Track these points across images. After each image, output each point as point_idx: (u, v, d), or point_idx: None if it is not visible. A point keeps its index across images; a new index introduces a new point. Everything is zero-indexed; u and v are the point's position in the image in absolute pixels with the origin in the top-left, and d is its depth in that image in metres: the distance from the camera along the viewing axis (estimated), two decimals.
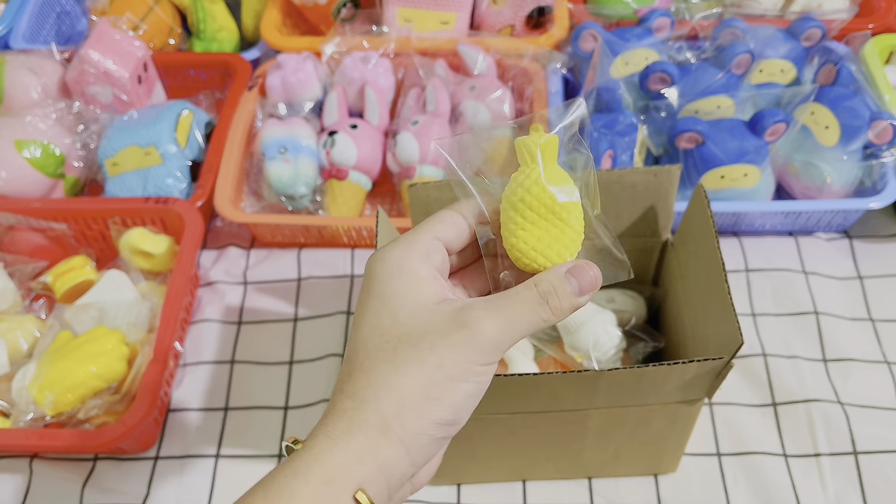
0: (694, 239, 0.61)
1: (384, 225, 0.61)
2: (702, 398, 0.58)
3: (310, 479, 0.34)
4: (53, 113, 0.89)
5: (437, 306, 0.37)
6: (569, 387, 0.54)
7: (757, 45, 0.87)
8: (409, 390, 0.35)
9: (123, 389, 0.71)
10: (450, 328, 0.36)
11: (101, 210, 0.83)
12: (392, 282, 0.38)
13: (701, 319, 0.60)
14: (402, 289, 0.37)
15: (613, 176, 0.64)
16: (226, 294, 0.85)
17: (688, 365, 0.51)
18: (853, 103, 0.81)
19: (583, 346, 0.66)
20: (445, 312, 0.37)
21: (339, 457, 0.35)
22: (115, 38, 0.92)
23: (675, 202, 0.65)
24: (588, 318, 0.66)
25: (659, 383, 0.54)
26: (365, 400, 0.36)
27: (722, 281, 0.54)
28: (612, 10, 0.98)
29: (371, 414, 0.35)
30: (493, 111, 0.88)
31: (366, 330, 0.37)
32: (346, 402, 0.36)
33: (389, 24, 0.97)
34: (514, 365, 0.68)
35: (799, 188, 0.84)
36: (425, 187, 0.63)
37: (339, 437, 0.35)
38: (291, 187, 0.85)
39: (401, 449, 0.35)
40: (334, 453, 0.35)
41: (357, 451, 0.35)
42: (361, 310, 0.38)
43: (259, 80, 0.94)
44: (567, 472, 0.68)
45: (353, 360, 0.37)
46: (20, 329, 0.76)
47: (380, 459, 0.35)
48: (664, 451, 0.65)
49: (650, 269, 0.72)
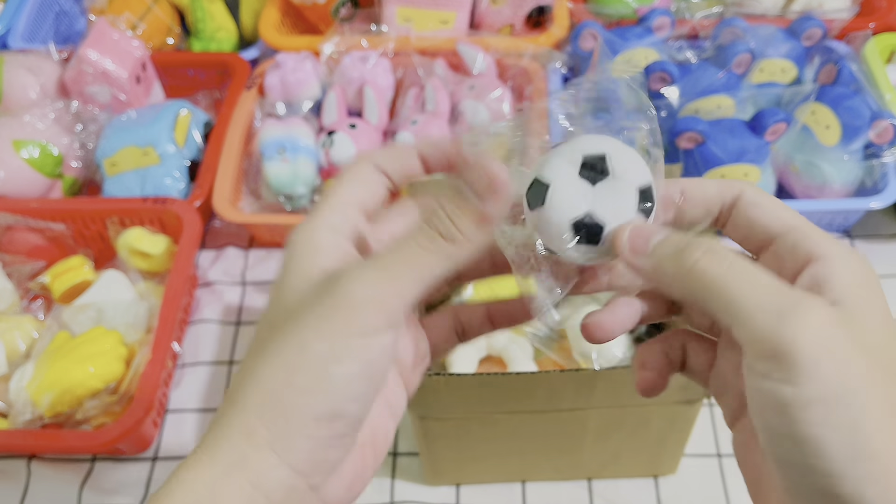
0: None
1: None
2: (701, 398, 0.58)
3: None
4: (51, 113, 0.89)
5: (319, 278, 0.30)
6: (567, 385, 0.54)
7: (757, 45, 0.87)
8: (271, 382, 0.28)
9: (121, 390, 0.71)
10: (316, 299, 0.29)
11: (99, 210, 0.82)
12: (293, 259, 0.31)
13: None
14: (296, 265, 0.31)
15: None
16: (224, 294, 0.84)
17: None
18: (854, 103, 0.80)
19: (587, 352, 0.66)
20: (319, 282, 0.29)
21: (204, 474, 0.28)
22: (114, 37, 0.91)
23: None
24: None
25: None
26: (233, 401, 0.29)
27: None
28: (612, 10, 0.97)
29: (235, 417, 0.28)
30: (492, 111, 0.88)
31: (260, 320, 0.31)
32: (221, 407, 0.30)
33: (389, 23, 0.97)
34: (514, 364, 0.68)
35: (800, 188, 0.84)
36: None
37: (205, 451, 0.29)
38: (290, 187, 0.85)
39: (273, 458, 0.28)
40: (199, 471, 0.28)
41: (223, 466, 0.28)
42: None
43: (258, 79, 0.94)
44: (566, 472, 0.68)
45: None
46: (18, 329, 0.76)
47: (250, 474, 0.28)
48: (663, 451, 0.65)
49: None
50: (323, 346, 0.28)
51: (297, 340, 0.28)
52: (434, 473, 0.68)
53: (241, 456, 0.28)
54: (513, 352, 0.68)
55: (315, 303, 0.29)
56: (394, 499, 0.69)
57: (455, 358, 0.67)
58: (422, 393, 0.54)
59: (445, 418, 0.58)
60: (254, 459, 0.28)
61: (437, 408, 0.57)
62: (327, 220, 0.32)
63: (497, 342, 0.69)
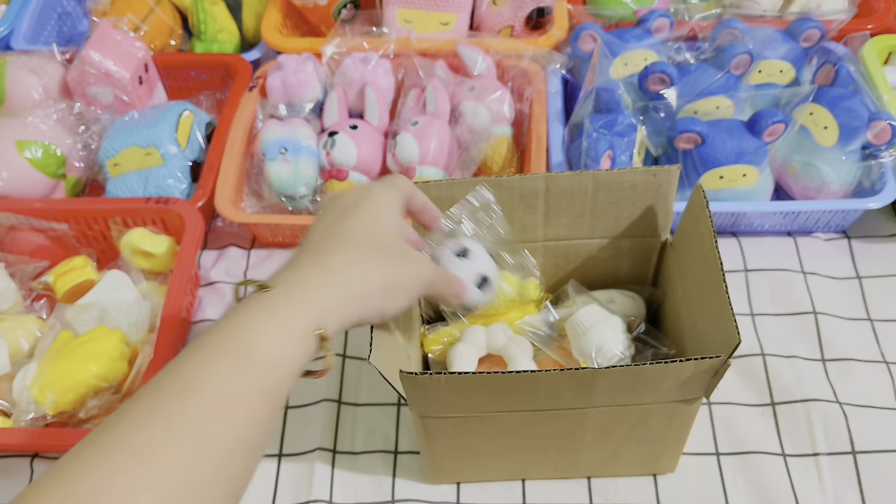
0: (692, 240, 0.61)
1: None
2: (700, 397, 0.58)
3: (276, 315, 0.43)
4: (54, 113, 0.89)
5: (392, 233, 0.52)
6: (566, 384, 0.54)
7: (756, 46, 0.87)
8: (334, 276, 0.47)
9: (124, 389, 0.71)
10: (390, 258, 0.50)
11: (102, 210, 0.83)
12: (373, 209, 0.52)
13: (699, 319, 0.60)
14: (375, 215, 0.51)
15: (613, 176, 0.64)
16: (226, 294, 0.85)
17: (685, 364, 0.51)
18: (852, 104, 0.81)
19: (587, 351, 0.66)
20: (393, 241, 0.52)
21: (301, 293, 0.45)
22: (116, 38, 0.92)
23: (675, 202, 0.66)
24: (594, 324, 0.66)
25: (656, 382, 0.54)
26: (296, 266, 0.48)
27: (720, 281, 0.54)
28: (611, 11, 0.98)
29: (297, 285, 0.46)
30: (492, 112, 0.88)
31: (325, 223, 0.51)
32: (289, 270, 0.48)
33: (389, 25, 0.98)
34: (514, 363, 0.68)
35: (798, 188, 0.84)
36: (426, 186, 0.63)
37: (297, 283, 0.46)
38: (292, 187, 0.85)
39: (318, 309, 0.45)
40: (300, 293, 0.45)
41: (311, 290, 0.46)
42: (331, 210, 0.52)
43: (259, 80, 0.94)
44: (566, 471, 0.68)
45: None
46: (21, 329, 0.77)
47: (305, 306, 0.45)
48: (662, 450, 0.65)
49: (649, 270, 0.72)
50: (379, 281, 0.49)
51: (363, 266, 0.48)
52: (435, 472, 0.68)
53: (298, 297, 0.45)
54: (513, 350, 0.68)
55: (388, 259, 0.50)
56: (395, 497, 0.69)
57: (455, 356, 0.68)
58: (422, 392, 0.55)
59: (446, 417, 0.59)
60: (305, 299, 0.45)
61: (438, 407, 0.57)
62: (392, 199, 0.53)
63: (497, 341, 0.69)
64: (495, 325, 0.70)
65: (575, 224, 0.68)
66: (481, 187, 0.62)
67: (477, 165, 0.89)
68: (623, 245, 0.70)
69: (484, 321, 0.71)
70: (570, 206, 0.66)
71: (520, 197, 0.65)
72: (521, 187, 0.65)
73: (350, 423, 0.74)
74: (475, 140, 0.88)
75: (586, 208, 0.66)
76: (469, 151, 0.88)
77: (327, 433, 0.73)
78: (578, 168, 0.81)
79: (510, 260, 0.66)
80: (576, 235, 0.69)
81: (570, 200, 0.66)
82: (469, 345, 0.69)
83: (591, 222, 0.68)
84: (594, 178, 0.64)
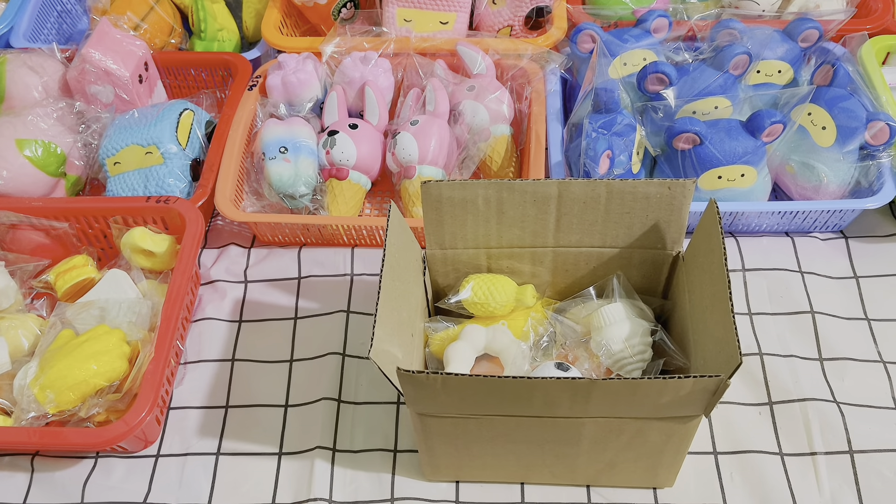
0: (703, 254, 0.61)
1: (396, 222, 0.61)
2: (699, 415, 0.57)
3: None
4: (55, 112, 0.89)
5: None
6: (563, 393, 0.54)
7: (754, 46, 0.88)
8: None
9: (125, 388, 0.72)
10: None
11: (103, 209, 0.83)
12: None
13: (703, 336, 0.60)
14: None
15: (627, 186, 0.63)
16: (226, 292, 0.85)
17: (684, 381, 0.51)
18: (850, 104, 0.81)
19: (599, 345, 0.66)
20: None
21: None
22: (116, 37, 0.92)
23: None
24: (612, 322, 0.66)
25: (654, 397, 0.54)
26: None
27: (726, 300, 0.54)
28: (610, 11, 0.98)
29: None
30: (491, 111, 0.89)
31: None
32: None
33: (389, 24, 0.98)
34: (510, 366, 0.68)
35: (796, 188, 0.84)
36: (438, 185, 0.63)
37: None
38: (292, 186, 0.86)
39: None
40: None
41: None
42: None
43: (260, 79, 0.94)
44: (563, 477, 0.68)
45: None
46: (22, 327, 0.77)
47: None
48: (660, 465, 0.65)
49: (660, 282, 0.72)
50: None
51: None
52: (432, 468, 0.68)
53: None
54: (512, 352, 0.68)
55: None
56: (394, 495, 0.69)
57: (451, 354, 0.68)
58: (420, 390, 0.55)
59: (443, 416, 0.59)
60: None
61: (435, 405, 0.58)
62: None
63: (497, 342, 0.69)
64: (496, 325, 0.70)
65: (586, 232, 0.67)
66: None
67: (476, 164, 0.89)
68: (634, 256, 0.69)
69: (483, 322, 0.71)
70: (583, 214, 0.66)
71: (532, 201, 0.65)
72: (534, 192, 0.64)
73: (349, 421, 0.74)
74: (474, 139, 0.89)
75: (598, 217, 0.66)
76: (468, 150, 0.89)
77: (327, 431, 0.73)
78: (577, 167, 0.81)
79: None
80: (587, 243, 0.69)
81: (582, 208, 0.65)
82: (466, 343, 0.69)
83: (603, 231, 0.67)
84: (608, 187, 0.64)
